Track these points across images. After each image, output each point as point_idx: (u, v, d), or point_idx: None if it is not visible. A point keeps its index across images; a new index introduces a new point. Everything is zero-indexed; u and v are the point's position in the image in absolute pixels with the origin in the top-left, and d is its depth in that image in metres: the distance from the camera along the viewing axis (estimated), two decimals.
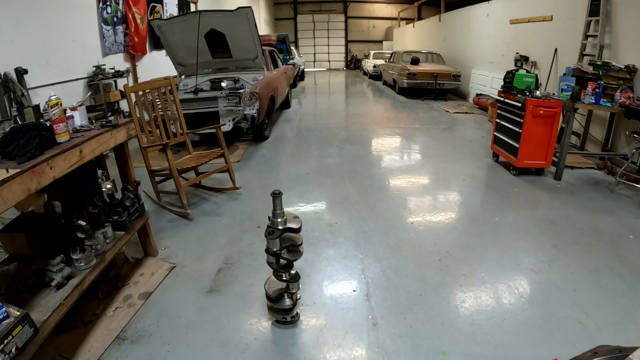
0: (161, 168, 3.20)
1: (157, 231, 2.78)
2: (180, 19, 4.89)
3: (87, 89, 4.91)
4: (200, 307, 2.03)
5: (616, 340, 1.75)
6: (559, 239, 2.70)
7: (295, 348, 1.76)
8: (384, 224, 2.94)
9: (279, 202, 1.66)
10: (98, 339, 1.79)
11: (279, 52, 8.72)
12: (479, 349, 1.73)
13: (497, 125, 4.33)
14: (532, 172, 4.02)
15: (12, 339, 1.24)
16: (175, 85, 3.36)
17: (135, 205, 2.20)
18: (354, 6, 21.50)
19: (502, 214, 3.11)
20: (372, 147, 5.23)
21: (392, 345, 1.76)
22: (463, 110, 7.82)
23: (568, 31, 5.41)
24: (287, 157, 4.77)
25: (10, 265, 1.76)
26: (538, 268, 2.35)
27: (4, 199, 1.27)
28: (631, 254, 2.50)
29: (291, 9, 21.27)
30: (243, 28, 4.83)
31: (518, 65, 6.61)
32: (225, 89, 4.89)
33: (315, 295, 2.12)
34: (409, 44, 15.31)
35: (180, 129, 3.35)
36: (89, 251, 1.74)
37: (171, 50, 5.26)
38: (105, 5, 5.38)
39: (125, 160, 2.27)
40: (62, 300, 1.53)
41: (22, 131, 1.50)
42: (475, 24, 9.08)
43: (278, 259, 1.72)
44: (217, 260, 2.46)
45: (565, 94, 3.83)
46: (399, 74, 9.91)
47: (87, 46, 4.98)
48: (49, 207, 1.96)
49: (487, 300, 2.06)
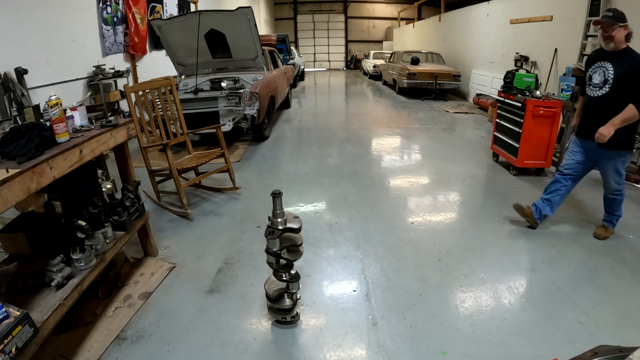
0: (161, 168, 3.20)
1: (157, 231, 2.78)
2: (180, 19, 4.89)
3: (87, 89, 4.91)
4: (200, 307, 2.03)
5: (616, 340, 1.75)
6: (559, 239, 2.70)
7: (295, 348, 1.76)
8: (384, 224, 2.94)
9: (279, 202, 1.66)
10: (98, 339, 1.79)
11: (279, 52, 8.71)
12: (479, 349, 1.73)
13: (497, 125, 4.33)
14: (532, 172, 4.02)
15: (12, 339, 1.24)
16: (175, 85, 3.36)
17: (135, 205, 2.20)
18: (354, 6, 21.49)
19: (502, 214, 3.11)
20: (372, 147, 5.23)
21: (392, 345, 1.76)
22: (463, 110, 7.82)
23: (568, 31, 5.41)
24: (287, 157, 4.77)
25: (10, 265, 1.76)
26: (538, 268, 2.35)
27: (4, 199, 1.27)
28: (631, 254, 2.50)
29: (291, 9, 21.26)
30: (243, 28, 4.83)
31: (518, 65, 6.61)
32: (225, 89, 4.89)
33: (315, 295, 2.12)
34: (409, 44, 15.30)
35: (180, 129, 3.35)
36: (89, 251, 1.74)
37: (171, 50, 5.26)
38: (105, 5, 5.37)
39: (125, 160, 2.27)
40: (62, 300, 1.53)
41: (22, 131, 1.50)
42: (475, 24, 9.08)
43: (278, 259, 1.72)
44: (217, 260, 2.46)
45: (565, 94, 3.84)
46: (399, 74, 9.91)
47: (87, 46, 4.98)
48: (49, 207, 1.96)
49: (487, 300, 2.06)
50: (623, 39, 2.43)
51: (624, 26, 2.41)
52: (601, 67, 2.53)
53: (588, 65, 2.72)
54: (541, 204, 2.80)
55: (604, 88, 2.50)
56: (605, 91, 2.49)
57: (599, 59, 2.58)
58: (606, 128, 2.41)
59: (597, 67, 2.58)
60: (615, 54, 2.47)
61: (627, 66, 2.40)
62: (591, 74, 2.62)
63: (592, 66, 2.64)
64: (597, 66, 2.57)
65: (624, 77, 2.41)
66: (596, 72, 2.56)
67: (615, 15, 2.40)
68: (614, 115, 2.43)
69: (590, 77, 2.62)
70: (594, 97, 2.57)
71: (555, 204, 2.80)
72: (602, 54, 2.56)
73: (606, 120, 2.45)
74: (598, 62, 2.58)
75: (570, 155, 2.76)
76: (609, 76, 2.47)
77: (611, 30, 2.40)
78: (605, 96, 2.49)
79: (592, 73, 2.61)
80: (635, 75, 2.37)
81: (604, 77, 2.50)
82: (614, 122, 2.40)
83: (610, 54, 2.49)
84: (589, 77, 2.64)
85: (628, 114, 2.38)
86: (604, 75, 2.50)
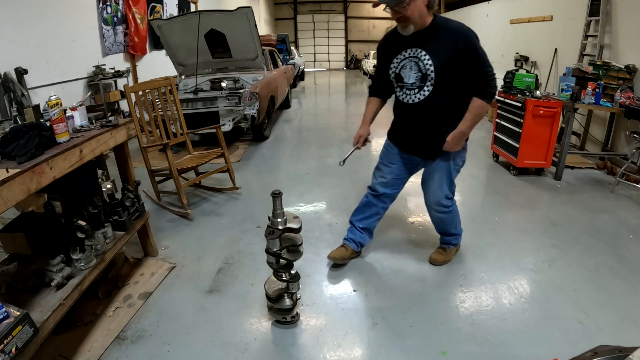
0: (161, 168, 3.20)
1: (157, 231, 2.78)
2: (180, 19, 4.89)
3: (87, 89, 4.91)
4: (200, 307, 2.03)
5: (616, 340, 1.75)
6: (559, 239, 2.70)
7: (295, 348, 1.75)
8: (384, 224, 2.93)
9: (279, 202, 1.66)
10: (98, 339, 1.79)
11: (279, 52, 8.71)
12: (479, 349, 1.72)
13: (497, 125, 4.33)
14: (532, 172, 4.02)
15: (12, 339, 1.24)
16: (175, 85, 3.36)
17: (135, 205, 2.20)
18: (354, 6, 21.48)
19: (502, 214, 3.11)
20: (372, 147, 5.22)
21: (392, 345, 1.76)
22: None
23: (568, 31, 5.41)
24: (287, 157, 4.77)
25: (10, 265, 1.76)
26: (538, 268, 2.35)
27: (4, 199, 1.27)
28: (631, 254, 2.50)
29: (291, 9, 21.26)
30: (243, 28, 4.83)
31: (518, 65, 6.61)
32: (225, 89, 4.89)
33: (315, 295, 2.12)
34: None
35: (180, 129, 3.35)
36: (89, 251, 1.74)
37: (171, 50, 5.26)
38: (105, 5, 5.37)
39: (125, 160, 2.27)
40: (62, 300, 1.53)
41: (22, 131, 1.50)
42: (475, 24, 9.07)
43: (278, 259, 1.72)
44: (217, 260, 2.46)
45: (565, 94, 3.83)
46: None
47: (87, 46, 4.97)
48: (49, 207, 1.96)
49: (487, 300, 2.06)
50: (424, 11, 1.70)
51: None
52: (410, 59, 1.81)
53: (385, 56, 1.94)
54: (359, 236, 2.33)
55: (425, 89, 1.81)
56: (427, 93, 1.82)
57: (403, 46, 1.83)
58: (457, 139, 1.84)
59: (403, 59, 1.84)
60: (422, 34, 1.76)
61: (448, 47, 1.72)
62: (397, 71, 1.88)
63: (394, 59, 1.88)
64: (404, 57, 1.83)
65: (449, 65, 1.73)
66: (405, 68, 1.83)
67: None
68: (447, 118, 1.86)
69: (398, 76, 1.89)
70: (411, 104, 1.88)
71: (374, 228, 2.37)
72: (403, 38, 1.81)
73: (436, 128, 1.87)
74: (402, 51, 1.83)
75: (383, 171, 2.18)
76: (427, 70, 1.77)
77: (403, 10, 1.67)
78: (429, 98, 1.82)
79: (397, 70, 1.87)
80: (465, 56, 1.71)
81: (420, 72, 1.79)
82: (463, 131, 1.83)
83: (417, 36, 1.76)
84: (395, 76, 1.90)
85: (477, 111, 1.78)
86: (419, 70, 1.79)
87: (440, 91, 1.81)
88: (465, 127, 1.84)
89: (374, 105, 2.15)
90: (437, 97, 1.83)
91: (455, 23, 1.78)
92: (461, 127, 1.84)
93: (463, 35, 1.73)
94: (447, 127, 1.89)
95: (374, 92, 2.16)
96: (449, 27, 1.75)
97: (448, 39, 1.73)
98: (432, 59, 1.75)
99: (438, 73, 1.77)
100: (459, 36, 1.73)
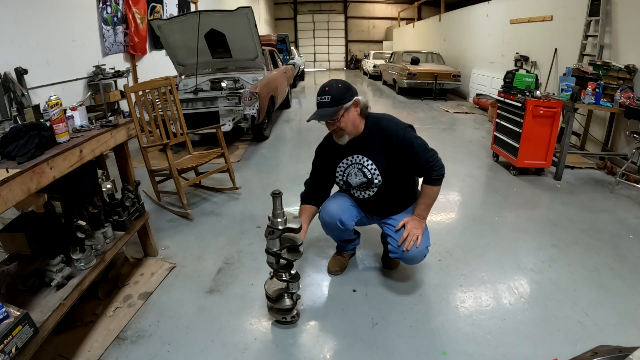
0: (161, 168, 3.20)
1: (157, 231, 2.78)
2: (180, 19, 4.89)
3: (87, 89, 4.91)
4: (200, 307, 2.03)
5: (616, 340, 1.75)
6: (559, 239, 2.70)
7: (295, 348, 1.75)
8: None
9: (279, 202, 1.66)
10: (98, 339, 1.79)
11: (279, 52, 8.72)
12: (479, 349, 1.72)
13: (497, 125, 4.33)
14: (532, 172, 4.02)
15: (12, 339, 1.24)
16: (175, 85, 3.36)
17: (135, 205, 2.20)
18: (354, 6, 21.50)
19: (502, 214, 3.11)
20: None
21: (392, 345, 1.76)
22: (463, 110, 7.82)
23: (568, 31, 5.41)
24: (287, 157, 4.77)
25: (10, 265, 1.76)
26: (538, 268, 2.35)
27: (4, 199, 1.27)
28: (631, 254, 2.50)
29: (291, 9, 21.26)
30: (243, 28, 4.83)
31: (518, 65, 6.61)
32: (225, 89, 4.89)
33: (315, 295, 2.12)
34: (409, 44, 15.31)
35: (180, 129, 3.35)
36: (89, 251, 1.74)
37: (171, 50, 5.26)
38: (105, 5, 5.38)
39: (125, 160, 2.27)
40: (62, 300, 1.53)
41: (22, 131, 1.50)
42: (475, 24, 9.08)
43: (278, 259, 1.72)
44: (217, 260, 2.46)
45: (565, 94, 3.83)
46: (399, 74, 9.91)
47: (87, 46, 4.98)
48: (49, 207, 1.96)
49: (487, 300, 2.06)
50: (357, 120, 1.81)
51: (353, 103, 1.77)
52: (353, 166, 1.91)
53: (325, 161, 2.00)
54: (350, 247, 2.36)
55: (372, 187, 1.93)
56: (376, 189, 1.93)
57: (344, 153, 1.92)
58: (417, 222, 1.93)
59: (347, 166, 1.93)
60: (359, 140, 1.86)
61: (386, 148, 1.82)
62: (344, 178, 1.96)
63: (337, 167, 1.96)
64: (347, 165, 1.93)
65: (392, 164, 1.85)
66: (350, 175, 1.93)
67: (333, 98, 1.73)
68: (400, 200, 1.99)
69: (347, 183, 1.97)
70: (362, 199, 2.00)
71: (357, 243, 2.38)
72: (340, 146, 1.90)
73: (391, 205, 1.99)
74: (344, 158, 1.93)
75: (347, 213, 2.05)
76: (372, 174, 1.88)
77: (338, 122, 1.76)
78: (380, 191, 1.93)
79: (345, 177, 1.96)
80: (402, 153, 1.80)
81: (365, 178, 1.90)
82: (421, 214, 1.94)
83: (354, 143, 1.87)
84: (344, 183, 1.99)
85: (429, 197, 1.90)
86: (363, 175, 1.90)
87: (389, 184, 1.93)
88: (421, 211, 1.96)
89: (308, 214, 2.04)
90: (387, 189, 1.95)
91: (385, 122, 1.86)
92: (417, 212, 1.96)
93: (393, 135, 1.81)
94: (403, 202, 2.04)
95: (309, 200, 2.08)
96: (381, 128, 1.84)
97: (383, 141, 1.84)
98: (375, 163, 1.88)
99: (384, 174, 1.89)
100: (389, 137, 1.82)
